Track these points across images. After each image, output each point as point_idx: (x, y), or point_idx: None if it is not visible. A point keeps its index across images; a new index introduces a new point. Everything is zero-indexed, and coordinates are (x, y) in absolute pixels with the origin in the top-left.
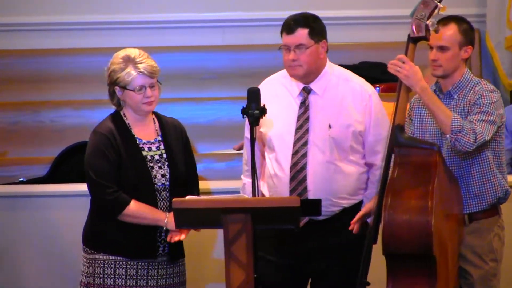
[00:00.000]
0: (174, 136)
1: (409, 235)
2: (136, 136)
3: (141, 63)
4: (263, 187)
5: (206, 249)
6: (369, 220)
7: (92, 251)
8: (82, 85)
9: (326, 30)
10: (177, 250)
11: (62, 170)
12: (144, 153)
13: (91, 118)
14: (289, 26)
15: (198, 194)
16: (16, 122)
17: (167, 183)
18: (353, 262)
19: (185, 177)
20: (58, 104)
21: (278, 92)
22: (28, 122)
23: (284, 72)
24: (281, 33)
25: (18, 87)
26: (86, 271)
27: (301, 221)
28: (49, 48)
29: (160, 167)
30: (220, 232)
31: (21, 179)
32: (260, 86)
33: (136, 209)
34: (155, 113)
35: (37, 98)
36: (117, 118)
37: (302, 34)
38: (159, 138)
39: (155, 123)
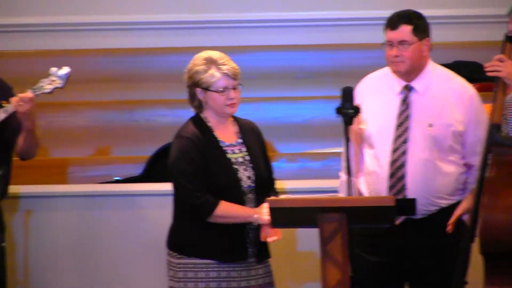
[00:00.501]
0: (253, 138)
1: (507, 234)
2: (219, 139)
3: (224, 64)
4: (361, 184)
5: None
6: (465, 217)
7: (181, 256)
8: (177, 84)
9: (429, 28)
10: (265, 250)
11: (156, 169)
12: (228, 155)
13: (185, 117)
14: (393, 22)
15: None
16: (112, 121)
17: (253, 185)
18: (450, 262)
19: (266, 178)
20: (152, 103)
21: (379, 89)
22: (123, 121)
23: (385, 69)
24: (385, 29)
25: (114, 86)
26: (175, 276)
27: (398, 220)
28: (144, 47)
29: (245, 169)
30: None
31: (116, 178)
32: (361, 83)
33: (225, 209)
34: (232, 115)
35: (132, 97)
36: (199, 121)
37: (405, 30)
38: (240, 140)
39: (234, 125)
